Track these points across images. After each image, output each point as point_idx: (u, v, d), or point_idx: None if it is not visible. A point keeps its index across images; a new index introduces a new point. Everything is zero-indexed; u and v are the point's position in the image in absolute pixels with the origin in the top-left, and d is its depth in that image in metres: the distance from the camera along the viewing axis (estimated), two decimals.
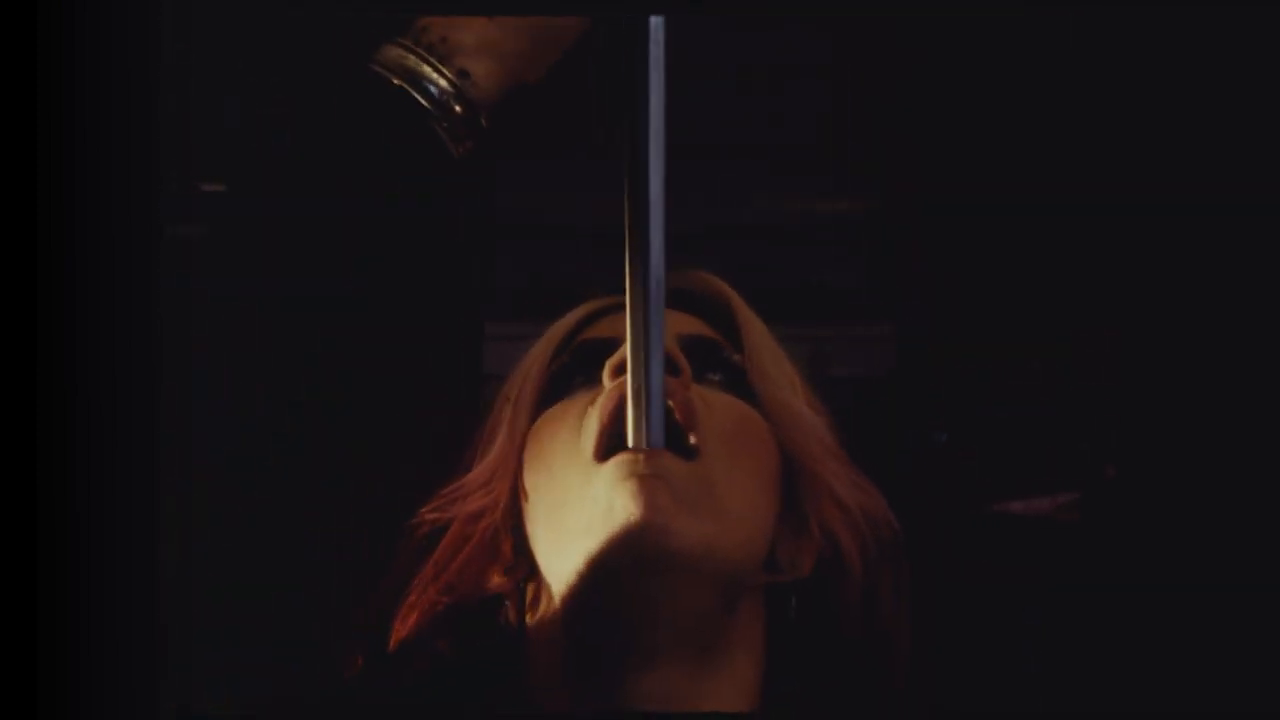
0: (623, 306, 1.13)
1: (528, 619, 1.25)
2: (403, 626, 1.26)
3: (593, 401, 1.21)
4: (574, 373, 1.27)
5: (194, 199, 3.47)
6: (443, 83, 1.07)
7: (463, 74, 1.06)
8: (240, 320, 3.34)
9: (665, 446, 1.18)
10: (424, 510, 1.29)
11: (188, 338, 2.94)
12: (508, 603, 1.26)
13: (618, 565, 1.14)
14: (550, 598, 1.23)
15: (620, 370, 1.20)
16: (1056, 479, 2.75)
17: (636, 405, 1.16)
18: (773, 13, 3.52)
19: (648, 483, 1.14)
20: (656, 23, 1.06)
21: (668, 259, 1.21)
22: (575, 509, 1.18)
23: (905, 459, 3.25)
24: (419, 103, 1.07)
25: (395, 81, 1.07)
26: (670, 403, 1.17)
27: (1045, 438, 3.14)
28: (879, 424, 3.39)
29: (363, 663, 1.26)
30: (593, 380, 1.23)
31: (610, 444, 1.17)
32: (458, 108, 1.06)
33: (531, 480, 1.24)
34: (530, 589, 1.26)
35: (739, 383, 1.29)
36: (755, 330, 1.36)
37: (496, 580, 1.26)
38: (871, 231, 3.67)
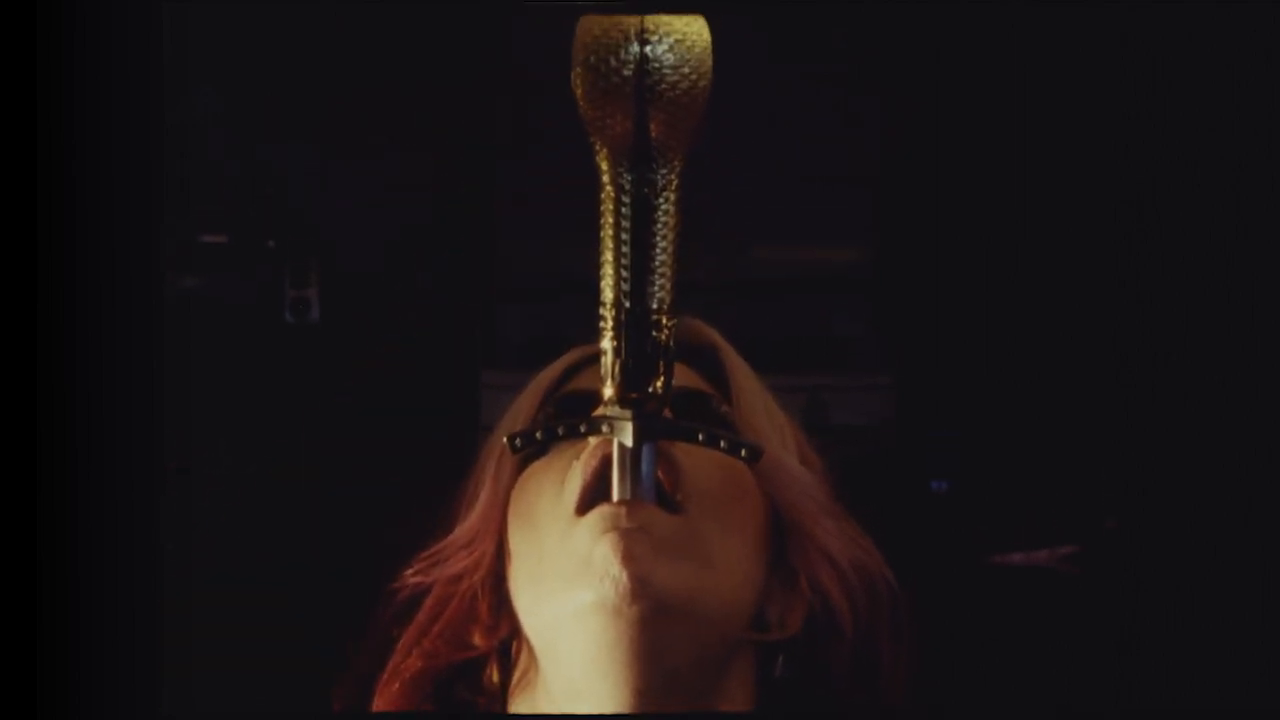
0: None
1: (512, 680, 1.24)
2: (385, 692, 1.25)
3: (577, 456, 1.19)
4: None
5: (196, 250, 3.49)
6: None
7: None
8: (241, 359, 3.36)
9: (650, 501, 1.17)
10: (406, 573, 1.28)
11: (189, 377, 2.95)
12: (490, 664, 1.25)
13: (597, 617, 1.12)
14: (533, 655, 1.22)
15: None
16: (1057, 530, 2.74)
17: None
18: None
19: (628, 535, 1.12)
20: None
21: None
22: (555, 562, 1.16)
23: (904, 508, 3.25)
24: None
25: None
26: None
27: (1046, 488, 3.14)
28: (878, 472, 3.38)
29: None
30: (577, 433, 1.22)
31: (593, 499, 1.16)
32: None
33: (514, 538, 1.22)
34: (514, 648, 1.25)
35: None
36: (745, 381, 1.34)
37: (477, 641, 1.24)
38: (874, 282, 3.67)
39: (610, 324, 1.11)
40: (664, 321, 1.11)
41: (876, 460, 3.39)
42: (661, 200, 1.09)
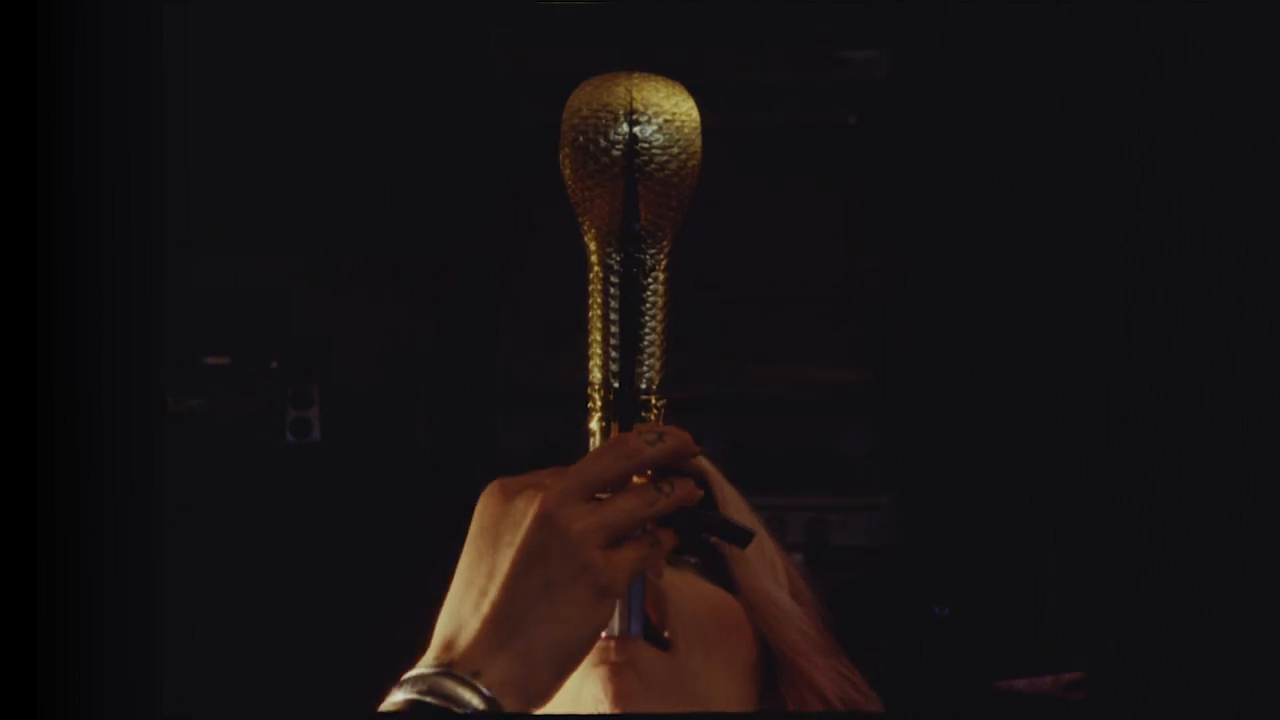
0: None
1: None
2: None
3: None
4: None
5: (198, 372, 3.50)
6: (475, 701, 1.06)
7: (492, 702, 1.06)
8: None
9: (639, 635, 1.15)
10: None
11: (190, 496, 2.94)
12: None
13: None
14: None
15: None
16: (1061, 656, 2.72)
17: None
18: None
19: (618, 670, 1.11)
20: None
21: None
22: None
23: (908, 633, 3.23)
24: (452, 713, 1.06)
25: (431, 701, 1.06)
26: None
27: (1051, 612, 3.12)
28: (880, 595, 3.36)
29: None
30: None
31: None
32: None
33: None
34: None
35: (716, 566, 1.25)
36: (734, 511, 1.33)
37: None
38: (876, 401, 3.68)
39: (599, 404, 1.10)
40: (653, 401, 1.10)
41: (878, 583, 3.38)
42: (650, 280, 1.08)
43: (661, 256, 1.08)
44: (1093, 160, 3.18)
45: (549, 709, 1.11)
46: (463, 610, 1.05)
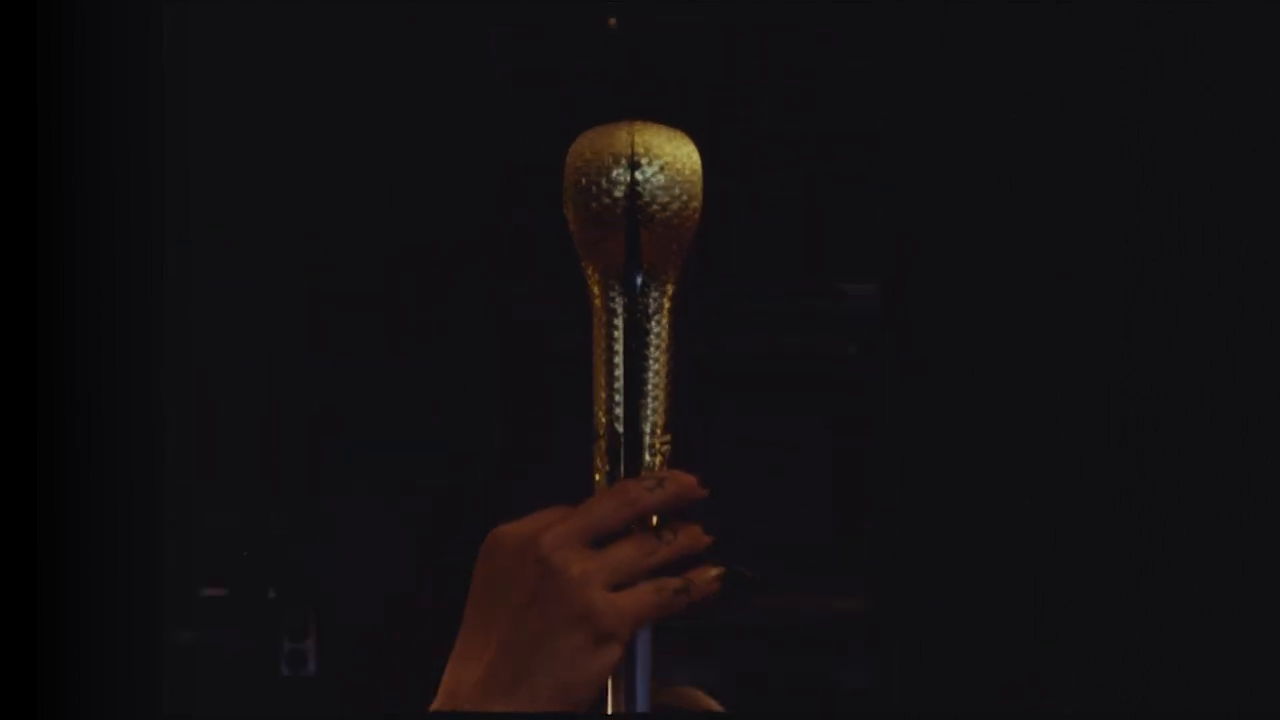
0: None
1: None
2: None
3: None
4: None
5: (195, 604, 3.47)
6: None
7: None
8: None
9: None
10: None
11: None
12: None
13: None
14: None
15: None
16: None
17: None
18: None
19: None
20: None
21: (662, 666, 1.17)
22: None
23: None
24: None
25: None
26: None
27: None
28: None
29: None
30: None
31: None
32: None
33: None
34: None
35: None
36: None
37: None
38: (877, 631, 3.65)
39: (603, 450, 1.10)
40: (658, 445, 1.10)
41: None
42: (654, 324, 1.09)
43: (664, 299, 1.10)
44: (1092, 165, 3.19)
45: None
46: (465, 661, 1.05)
